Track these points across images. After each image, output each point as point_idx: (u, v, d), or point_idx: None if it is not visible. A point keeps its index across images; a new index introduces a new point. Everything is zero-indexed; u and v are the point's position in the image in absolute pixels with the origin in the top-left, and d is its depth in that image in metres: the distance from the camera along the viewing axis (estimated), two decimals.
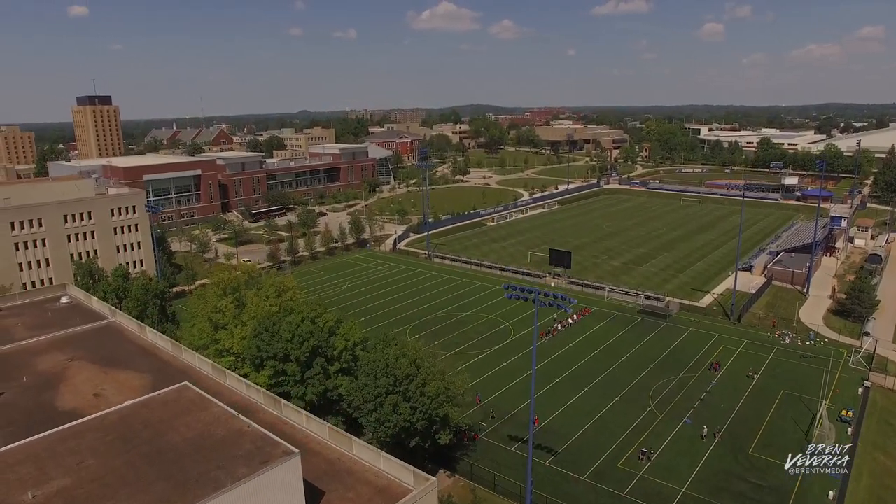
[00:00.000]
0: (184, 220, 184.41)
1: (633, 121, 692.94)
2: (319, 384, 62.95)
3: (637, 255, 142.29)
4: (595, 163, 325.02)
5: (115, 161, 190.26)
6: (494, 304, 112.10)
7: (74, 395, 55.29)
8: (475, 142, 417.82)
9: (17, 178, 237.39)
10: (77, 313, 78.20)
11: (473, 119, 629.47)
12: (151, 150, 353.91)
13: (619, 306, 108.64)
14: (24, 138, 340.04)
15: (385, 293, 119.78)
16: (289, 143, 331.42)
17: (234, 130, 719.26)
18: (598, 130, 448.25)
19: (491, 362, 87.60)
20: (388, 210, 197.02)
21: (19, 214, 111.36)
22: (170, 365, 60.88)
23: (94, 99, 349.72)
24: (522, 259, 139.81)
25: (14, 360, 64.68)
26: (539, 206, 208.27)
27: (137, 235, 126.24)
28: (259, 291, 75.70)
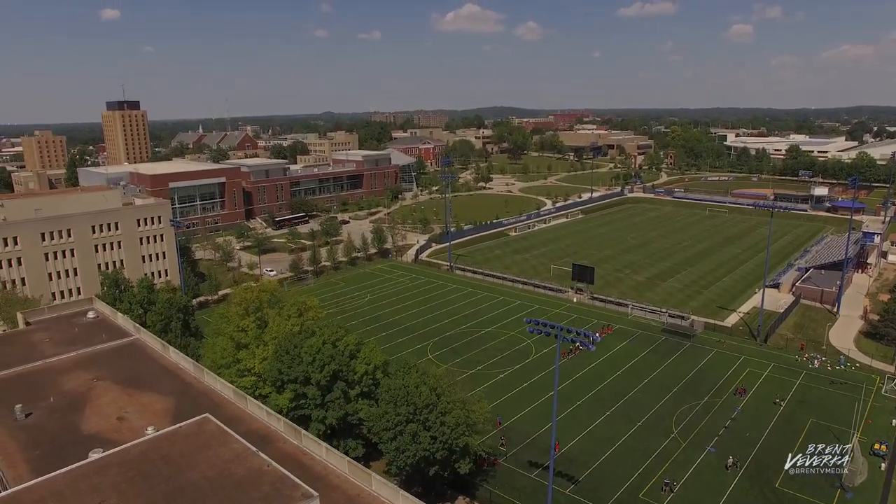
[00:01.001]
0: (208, 227, 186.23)
1: (658, 125, 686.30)
2: (340, 408, 62.89)
3: (661, 270, 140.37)
4: (619, 169, 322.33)
5: (142, 168, 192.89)
6: (516, 319, 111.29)
7: (99, 418, 55.81)
8: (498, 147, 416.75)
9: (48, 183, 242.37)
10: (103, 329, 79.19)
11: (497, 123, 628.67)
12: (178, 155, 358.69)
13: (643, 324, 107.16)
14: (56, 142, 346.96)
15: (407, 306, 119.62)
16: (312, 148, 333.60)
17: (259, 132, 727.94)
18: (622, 136, 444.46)
19: (512, 382, 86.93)
20: (410, 219, 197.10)
21: (50, 225, 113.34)
22: (192, 387, 61.24)
23: (122, 104, 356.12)
24: (545, 272, 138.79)
25: (41, 379, 65.70)
26: (562, 216, 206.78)
27: (162, 245, 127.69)
28: (281, 311, 75.99)
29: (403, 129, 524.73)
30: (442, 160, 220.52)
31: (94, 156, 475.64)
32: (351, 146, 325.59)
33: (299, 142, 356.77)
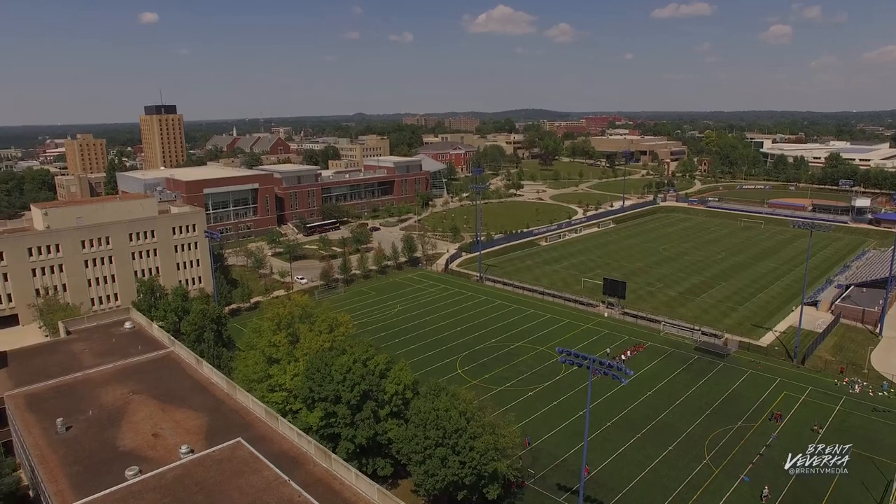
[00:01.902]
0: (240, 232, 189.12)
1: (692, 129, 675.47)
2: (369, 428, 63.14)
3: (694, 284, 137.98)
4: (652, 176, 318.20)
5: (178, 174, 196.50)
6: (546, 334, 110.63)
7: (135, 434, 56.97)
8: (529, 152, 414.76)
9: (89, 187, 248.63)
10: (139, 340, 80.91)
11: (528, 128, 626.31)
12: (212, 158, 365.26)
13: (675, 342, 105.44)
14: (97, 145, 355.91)
15: (436, 318, 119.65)
16: (344, 153, 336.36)
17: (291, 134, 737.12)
18: (654, 142, 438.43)
19: (541, 400, 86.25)
20: (440, 226, 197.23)
21: (90, 233, 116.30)
22: (224, 404, 62.10)
23: (160, 108, 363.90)
24: (575, 284, 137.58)
25: (81, 391, 67.30)
26: (593, 225, 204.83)
27: (196, 253, 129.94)
28: (312, 325, 76.63)
29: (434, 134, 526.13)
30: (473, 169, 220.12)
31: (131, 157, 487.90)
32: (382, 151, 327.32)
33: (331, 146, 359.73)
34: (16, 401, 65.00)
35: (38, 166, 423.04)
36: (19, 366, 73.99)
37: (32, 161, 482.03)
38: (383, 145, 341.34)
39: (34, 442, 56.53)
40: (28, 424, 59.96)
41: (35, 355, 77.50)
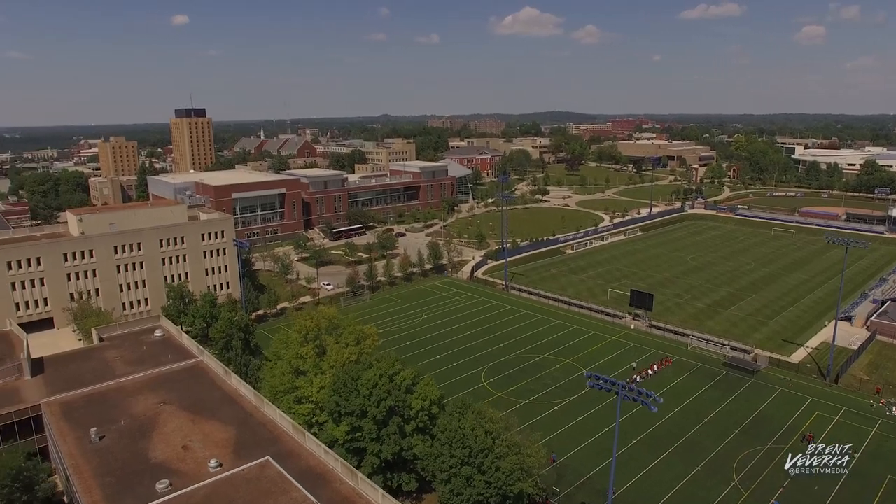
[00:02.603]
0: (268, 236, 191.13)
1: (721, 133, 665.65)
2: (395, 443, 63.28)
3: (722, 297, 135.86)
4: (679, 182, 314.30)
5: (207, 179, 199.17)
6: (572, 346, 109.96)
7: (165, 445, 57.86)
8: (555, 157, 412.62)
9: (121, 189, 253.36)
10: (168, 349, 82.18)
11: (554, 131, 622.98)
12: (240, 161, 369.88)
13: (703, 357, 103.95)
14: (128, 147, 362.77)
15: (461, 328, 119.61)
16: (370, 156, 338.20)
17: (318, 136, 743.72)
18: (682, 147, 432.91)
19: (567, 414, 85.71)
20: (466, 233, 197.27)
21: (122, 239, 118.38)
22: (252, 417, 62.78)
23: (190, 111, 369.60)
24: (601, 294, 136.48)
25: (113, 399, 68.60)
26: (620, 233, 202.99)
27: (225, 259, 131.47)
28: (339, 338, 77.11)
29: (460, 137, 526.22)
30: (499, 176, 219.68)
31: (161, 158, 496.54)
32: (408, 155, 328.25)
33: (357, 150, 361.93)
34: (51, 408, 66.53)
35: (73, 167, 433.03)
36: (55, 372, 75.68)
37: (67, 161, 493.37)
38: (409, 149, 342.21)
39: (69, 451, 57.76)
40: (63, 433, 61.30)
41: (70, 362, 79.19)
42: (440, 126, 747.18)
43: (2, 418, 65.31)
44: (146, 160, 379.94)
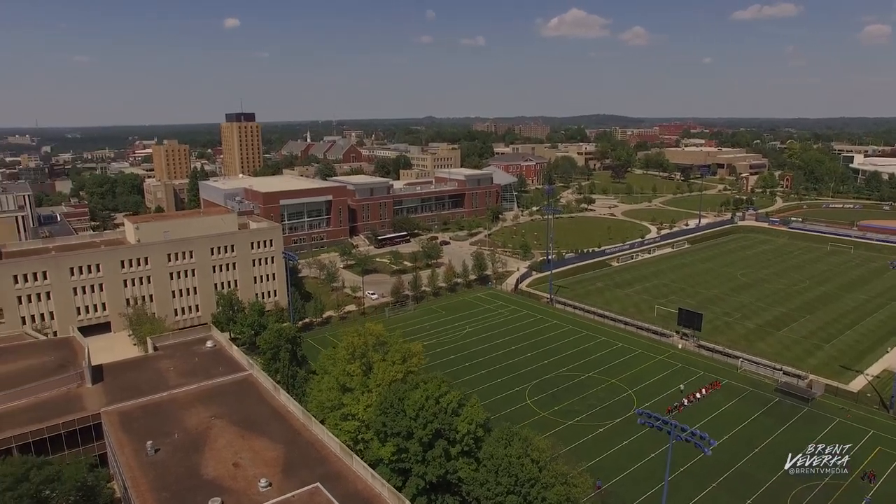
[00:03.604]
0: (314, 242, 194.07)
1: (773, 139, 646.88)
2: (440, 466, 63.34)
3: (775, 316, 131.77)
4: (729, 192, 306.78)
5: (256, 185, 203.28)
6: (617, 365, 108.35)
7: (217, 462, 59.20)
8: (601, 163, 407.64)
9: (173, 193, 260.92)
10: (219, 361, 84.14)
11: (599, 137, 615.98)
12: (287, 165, 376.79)
13: (754, 381, 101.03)
14: (181, 151, 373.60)
15: (505, 342, 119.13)
16: (415, 162, 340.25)
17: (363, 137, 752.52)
18: (733, 155, 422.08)
19: (613, 437, 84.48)
20: (510, 242, 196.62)
21: (176, 247, 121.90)
22: (300, 436, 63.73)
23: (240, 116, 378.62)
24: (648, 311, 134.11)
25: (167, 410, 70.62)
26: (667, 245, 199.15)
27: (273, 267, 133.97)
28: (386, 355, 77.67)
29: (505, 143, 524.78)
30: (545, 188, 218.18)
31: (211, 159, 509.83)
32: (453, 162, 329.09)
33: (403, 155, 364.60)
34: (110, 417, 68.90)
35: (128, 167, 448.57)
36: (113, 380, 78.34)
37: (123, 162, 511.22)
38: (454, 156, 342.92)
39: (127, 462, 59.67)
40: (122, 444, 63.37)
41: (127, 370, 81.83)
42: (484, 130, 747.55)
43: (66, 425, 67.99)
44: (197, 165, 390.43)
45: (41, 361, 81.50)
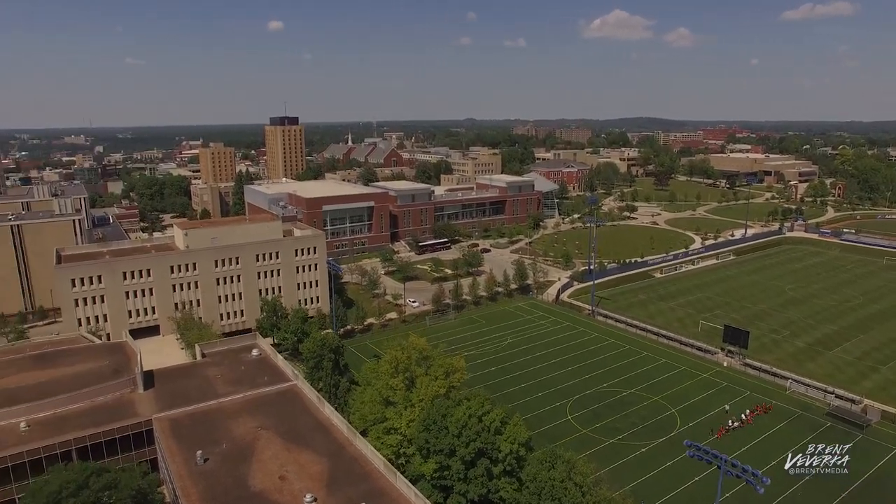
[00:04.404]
0: (355, 248, 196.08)
1: (824, 144, 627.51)
2: (482, 485, 63.50)
3: (826, 335, 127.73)
4: (777, 201, 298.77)
5: (300, 190, 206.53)
6: (659, 382, 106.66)
7: (263, 474, 60.46)
8: (643, 170, 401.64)
9: (219, 196, 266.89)
10: (265, 370, 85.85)
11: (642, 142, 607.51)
12: (329, 168, 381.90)
13: (804, 404, 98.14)
14: (227, 154, 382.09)
15: (545, 355, 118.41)
16: (456, 167, 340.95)
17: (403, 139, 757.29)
18: (781, 161, 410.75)
19: (655, 458, 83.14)
20: (551, 251, 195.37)
21: (223, 253, 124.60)
22: (345, 450, 64.58)
23: (283, 120, 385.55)
24: (692, 326, 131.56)
25: (215, 419, 72.38)
26: (712, 256, 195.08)
27: (316, 274, 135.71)
28: (429, 369, 78.15)
29: (546, 147, 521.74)
30: (588, 198, 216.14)
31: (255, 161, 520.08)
32: (494, 168, 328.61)
33: (444, 160, 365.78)
34: (162, 424, 71.03)
35: (175, 168, 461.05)
36: (163, 387, 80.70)
37: (170, 163, 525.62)
38: (495, 161, 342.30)
39: (178, 471, 61.42)
40: (172, 451, 65.27)
41: (176, 377, 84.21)
42: (525, 134, 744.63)
43: (120, 430, 70.37)
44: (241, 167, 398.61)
45: (97, 366, 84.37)
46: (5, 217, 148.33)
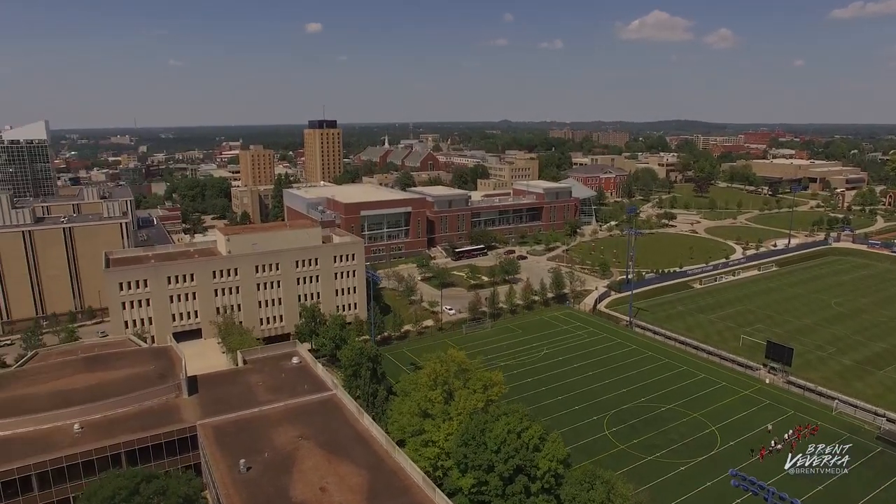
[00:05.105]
0: (392, 252, 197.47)
1: (873, 150, 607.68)
2: (519, 503, 63.44)
3: (875, 353, 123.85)
4: (823, 209, 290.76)
5: (338, 195, 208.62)
6: (699, 398, 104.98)
7: (304, 485, 61.47)
8: (682, 175, 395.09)
9: (259, 200, 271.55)
10: (305, 378, 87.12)
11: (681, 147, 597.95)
12: (366, 171, 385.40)
13: (852, 426, 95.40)
14: (266, 156, 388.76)
15: (582, 367, 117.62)
16: (493, 172, 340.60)
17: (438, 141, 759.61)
18: (827, 168, 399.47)
19: (695, 477, 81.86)
20: (588, 259, 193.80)
21: (264, 259, 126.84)
22: (384, 463, 65.20)
23: (322, 123, 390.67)
24: (732, 340, 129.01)
25: (257, 427, 73.77)
26: (753, 267, 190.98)
27: (354, 281, 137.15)
28: (467, 382, 78.46)
29: (583, 151, 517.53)
30: (627, 209, 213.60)
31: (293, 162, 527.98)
32: (530, 173, 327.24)
33: (480, 164, 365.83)
34: (206, 430, 72.73)
35: (215, 168, 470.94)
36: (207, 393, 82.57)
37: (210, 164, 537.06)
38: (532, 166, 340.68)
39: (221, 479, 62.83)
40: (216, 458, 66.78)
41: (219, 383, 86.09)
42: (561, 137, 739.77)
43: (165, 435, 72.31)
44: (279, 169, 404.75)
45: (144, 370, 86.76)
46: (58, 220, 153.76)
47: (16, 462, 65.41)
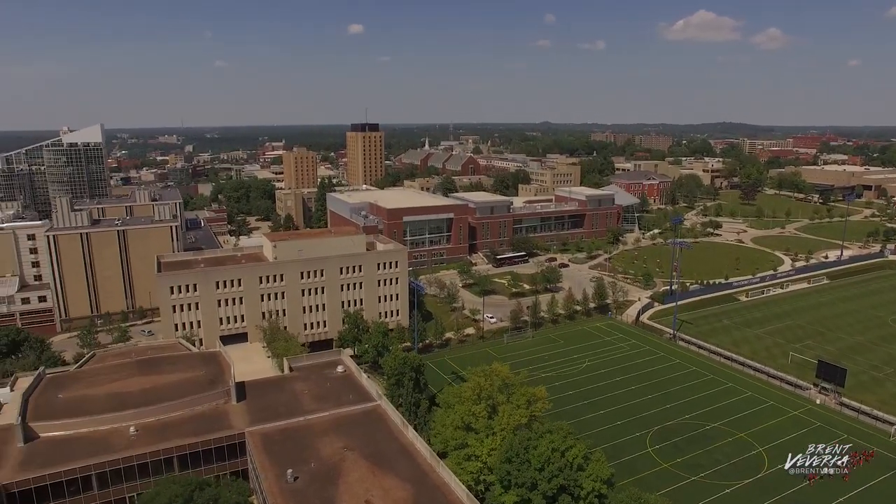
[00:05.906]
0: (434, 258, 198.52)
1: None
2: None
3: None
4: (878, 219, 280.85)
5: (381, 201, 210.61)
6: (746, 417, 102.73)
7: (350, 497, 62.52)
8: (728, 182, 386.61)
9: (302, 203, 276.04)
10: (349, 388, 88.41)
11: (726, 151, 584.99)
12: (407, 175, 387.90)
13: None
14: (309, 158, 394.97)
15: (624, 381, 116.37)
16: (534, 177, 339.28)
17: (479, 143, 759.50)
18: (883, 175, 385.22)
19: (741, 501, 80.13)
20: (631, 268, 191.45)
21: (309, 265, 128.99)
22: (428, 477, 65.81)
23: (364, 126, 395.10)
24: (780, 357, 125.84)
25: (304, 436, 75.22)
26: (803, 280, 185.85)
27: (396, 288, 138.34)
28: (511, 397, 78.61)
29: (625, 156, 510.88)
30: (672, 219, 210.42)
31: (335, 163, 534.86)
32: (572, 179, 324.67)
33: (522, 170, 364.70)
34: (254, 438, 74.54)
35: (259, 168, 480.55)
36: (254, 400, 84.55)
37: (254, 164, 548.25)
38: (574, 172, 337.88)
39: (270, 488, 64.30)
40: (264, 467, 68.38)
41: (266, 390, 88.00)
42: (603, 140, 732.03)
43: (216, 441, 74.39)
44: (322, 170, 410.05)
45: (195, 375, 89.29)
46: (113, 222, 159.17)
47: (79, 462, 68.35)
